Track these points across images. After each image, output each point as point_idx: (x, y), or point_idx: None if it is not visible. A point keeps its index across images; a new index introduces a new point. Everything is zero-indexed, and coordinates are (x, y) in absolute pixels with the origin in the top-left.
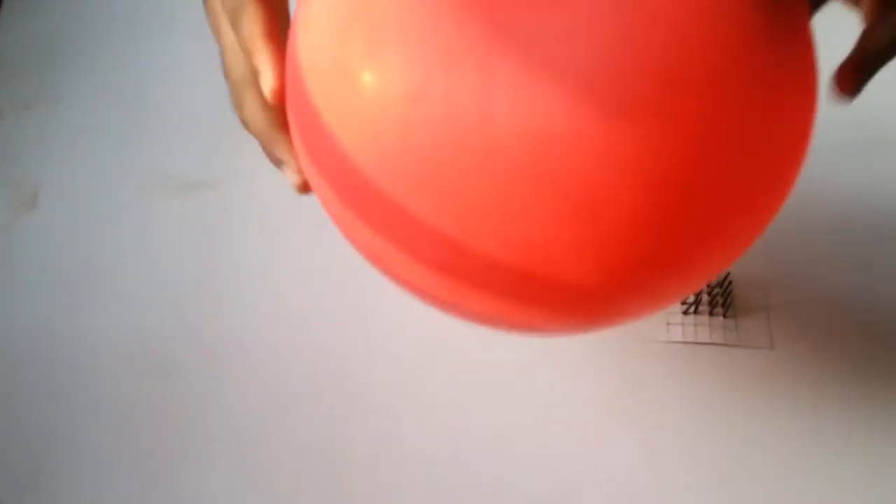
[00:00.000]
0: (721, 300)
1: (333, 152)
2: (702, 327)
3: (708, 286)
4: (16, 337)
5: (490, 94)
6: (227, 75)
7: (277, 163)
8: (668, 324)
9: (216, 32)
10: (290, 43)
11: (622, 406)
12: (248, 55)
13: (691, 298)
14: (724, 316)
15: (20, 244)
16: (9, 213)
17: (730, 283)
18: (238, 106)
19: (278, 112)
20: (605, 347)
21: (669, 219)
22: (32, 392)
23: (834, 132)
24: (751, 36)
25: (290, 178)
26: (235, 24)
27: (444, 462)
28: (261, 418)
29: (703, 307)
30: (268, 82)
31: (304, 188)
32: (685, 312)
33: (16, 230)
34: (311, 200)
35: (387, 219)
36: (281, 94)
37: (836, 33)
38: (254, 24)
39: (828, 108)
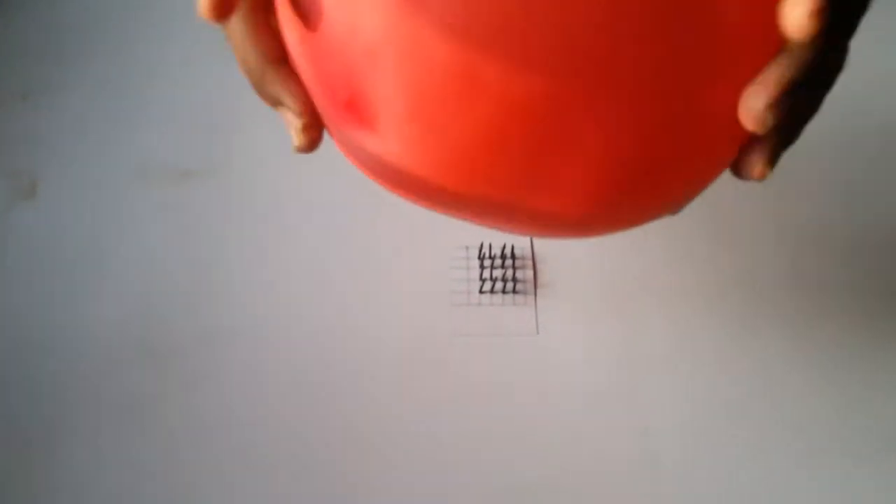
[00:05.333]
0: (511, 277)
1: None
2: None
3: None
4: (13, 325)
5: None
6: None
7: (275, 104)
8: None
9: None
10: None
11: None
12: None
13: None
14: (514, 292)
15: (19, 234)
16: (7, 203)
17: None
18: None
19: (271, 44)
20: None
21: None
22: (29, 379)
23: None
24: None
25: (291, 122)
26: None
27: (438, 448)
28: (255, 405)
29: (499, 285)
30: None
31: (308, 139)
32: (481, 291)
33: (14, 220)
34: (309, 190)
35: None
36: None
37: None
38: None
39: None
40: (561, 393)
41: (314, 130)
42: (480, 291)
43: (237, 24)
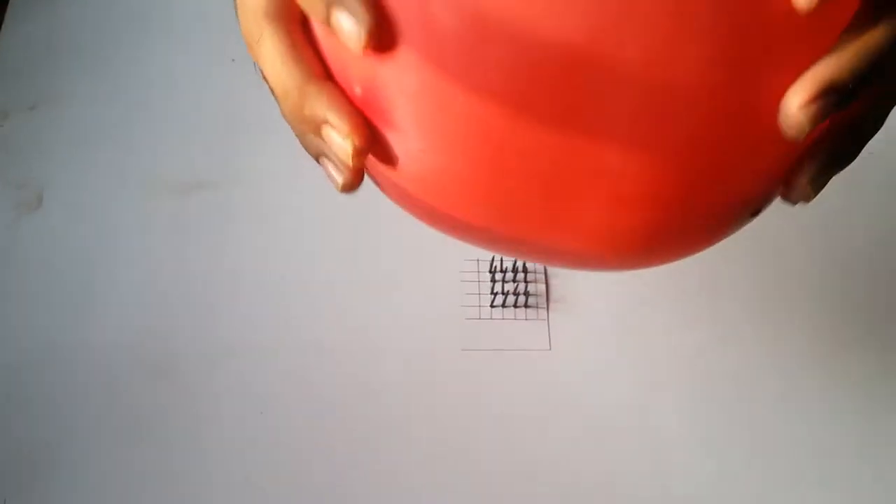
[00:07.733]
0: (523, 290)
1: None
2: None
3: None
4: (17, 338)
5: None
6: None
7: (317, 126)
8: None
9: None
10: None
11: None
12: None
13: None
14: (526, 306)
15: (23, 246)
16: (12, 215)
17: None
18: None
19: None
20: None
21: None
22: (32, 393)
23: None
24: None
25: (339, 149)
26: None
27: (448, 464)
28: (262, 422)
29: (510, 298)
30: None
31: (359, 165)
32: (492, 305)
33: (19, 231)
34: (317, 202)
35: None
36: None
37: None
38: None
39: None
40: (574, 410)
41: (365, 155)
42: (492, 305)
43: (272, 39)
